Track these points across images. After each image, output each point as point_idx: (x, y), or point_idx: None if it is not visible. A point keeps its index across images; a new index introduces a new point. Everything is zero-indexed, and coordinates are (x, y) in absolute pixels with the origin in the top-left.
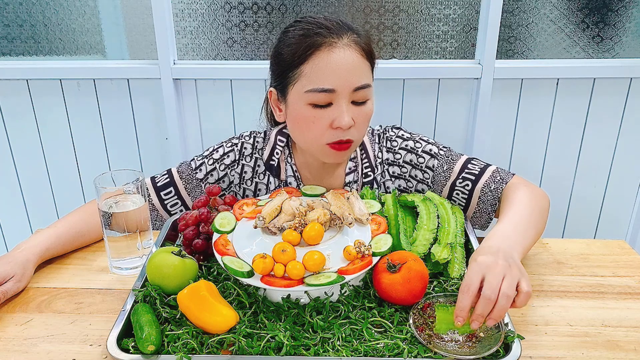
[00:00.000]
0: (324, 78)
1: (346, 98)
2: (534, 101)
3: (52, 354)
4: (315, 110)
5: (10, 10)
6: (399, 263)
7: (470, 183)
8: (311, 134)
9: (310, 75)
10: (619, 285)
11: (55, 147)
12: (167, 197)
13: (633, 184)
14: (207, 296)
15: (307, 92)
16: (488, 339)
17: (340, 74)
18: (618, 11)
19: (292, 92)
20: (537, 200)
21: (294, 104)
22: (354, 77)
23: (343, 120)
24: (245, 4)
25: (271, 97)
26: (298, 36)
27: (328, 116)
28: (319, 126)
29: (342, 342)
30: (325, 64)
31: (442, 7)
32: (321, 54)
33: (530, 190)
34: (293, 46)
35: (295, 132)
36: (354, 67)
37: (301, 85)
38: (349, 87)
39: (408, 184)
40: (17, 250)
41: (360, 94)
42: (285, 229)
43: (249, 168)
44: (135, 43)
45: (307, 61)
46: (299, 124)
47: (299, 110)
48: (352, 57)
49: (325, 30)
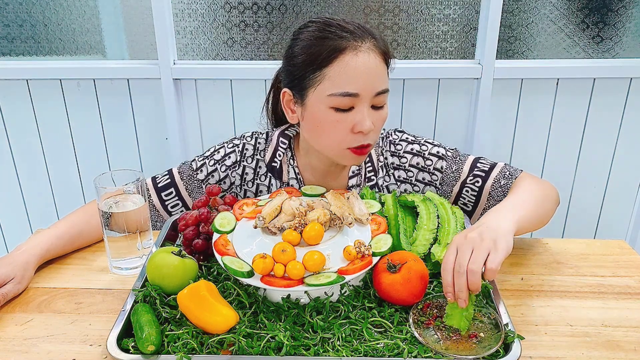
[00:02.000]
0: (348, 82)
1: (367, 102)
2: (534, 101)
3: (52, 354)
4: (337, 114)
5: (10, 10)
6: (399, 263)
7: (481, 180)
8: (331, 138)
9: (335, 79)
10: (619, 285)
11: (55, 147)
12: (167, 197)
13: (633, 184)
14: (207, 296)
15: (330, 95)
16: (488, 339)
17: (365, 78)
18: (618, 11)
19: (312, 94)
20: (542, 188)
21: (314, 106)
22: (376, 81)
23: (365, 125)
24: (245, 4)
25: (284, 98)
26: (318, 38)
27: (350, 120)
28: (341, 130)
29: (342, 342)
30: (351, 68)
31: (442, 7)
32: (346, 57)
33: (537, 180)
34: (314, 48)
35: (312, 134)
36: (377, 72)
37: (323, 87)
38: (372, 92)
39: (414, 188)
40: (17, 252)
41: (380, 98)
42: (285, 229)
43: (250, 169)
44: (135, 43)
45: (331, 64)
46: (319, 128)
47: (320, 113)
48: (375, 62)
49: (349, 34)
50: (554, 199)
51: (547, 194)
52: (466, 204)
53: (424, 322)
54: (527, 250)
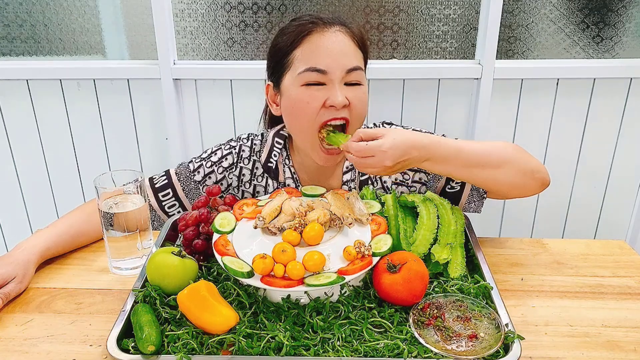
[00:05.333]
0: (315, 59)
1: (339, 79)
2: (534, 101)
3: (52, 354)
4: (309, 90)
5: (10, 10)
6: (399, 263)
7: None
8: (306, 117)
9: (303, 57)
10: (619, 286)
11: (55, 147)
12: (165, 198)
13: (633, 184)
14: (207, 296)
15: (300, 73)
16: (488, 339)
17: (331, 55)
18: (618, 11)
19: (286, 78)
20: (516, 151)
21: (288, 89)
22: (345, 58)
23: (336, 99)
24: (245, 4)
25: (268, 93)
26: (293, 27)
27: (322, 96)
28: (313, 106)
29: (342, 343)
30: (317, 46)
31: (442, 7)
32: (312, 37)
33: (518, 149)
34: (286, 35)
35: (290, 119)
36: (345, 49)
37: (295, 68)
38: (341, 68)
39: (406, 181)
40: (17, 250)
41: (352, 75)
42: (285, 229)
43: (247, 171)
44: (135, 43)
45: (299, 45)
46: (294, 109)
47: (293, 94)
48: (343, 41)
49: (318, 19)
50: (529, 168)
51: (519, 157)
52: (453, 187)
53: (424, 322)
54: (527, 250)
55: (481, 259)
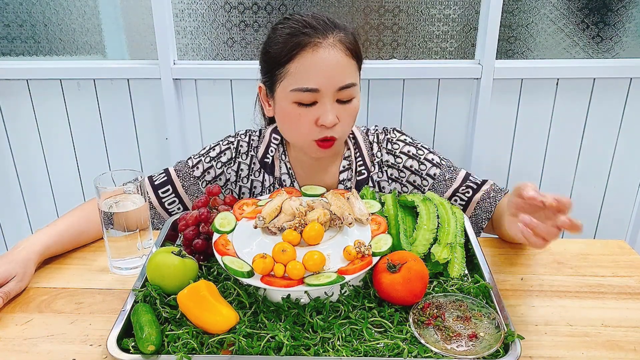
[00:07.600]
0: (308, 78)
1: (330, 97)
2: (534, 101)
3: (52, 354)
4: (300, 108)
5: (10, 10)
6: (399, 263)
7: (472, 191)
8: (298, 130)
9: (295, 75)
10: (619, 285)
11: (55, 147)
12: (164, 195)
13: (633, 184)
14: (207, 296)
15: (292, 90)
16: (488, 339)
17: (324, 73)
18: (618, 11)
19: (279, 89)
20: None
21: (281, 101)
22: (338, 76)
23: (327, 119)
24: (245, 4)
25: (261, 93)
26: (285, 34)
27: (313, 114)
28: (305, 124)
29: (342, 342)
30: (310, 64)
31: (442, 7)
32: (306, 53)
33: None
34: (280, 44)
35: (283, 127)
36: (339, 67)
37: (287, 83)
38: (333, 87)
39: (403, 189)
40: (17, 249)
41: (345, 93)
42: (285, 229)
43: (245, 166)
44: (135, 43)
45: (292, 60)
46: (286, 121)
47: (285, 107)
48: (337, 57)
49: (311, 29)
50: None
51: None
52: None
53: (424, 321)
54: (527, 250)
55: (481, 259)
